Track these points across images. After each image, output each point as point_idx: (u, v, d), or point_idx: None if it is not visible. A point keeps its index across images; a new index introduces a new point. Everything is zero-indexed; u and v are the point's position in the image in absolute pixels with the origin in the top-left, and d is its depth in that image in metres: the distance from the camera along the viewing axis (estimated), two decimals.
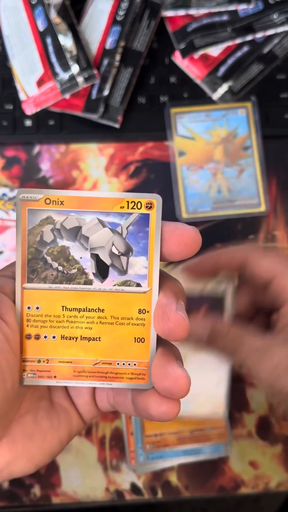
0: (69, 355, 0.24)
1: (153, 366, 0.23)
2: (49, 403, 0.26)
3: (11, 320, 0.23)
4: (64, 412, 0.26)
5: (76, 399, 0.27)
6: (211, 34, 0.53)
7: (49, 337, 0.24)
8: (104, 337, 0.24)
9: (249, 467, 0.50)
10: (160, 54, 0.54)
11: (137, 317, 0.24)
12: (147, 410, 0.23)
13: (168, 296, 0.23)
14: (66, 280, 0.24)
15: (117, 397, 0.26)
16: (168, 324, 0.22)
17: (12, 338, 0.23)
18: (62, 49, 0.49)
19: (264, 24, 0.53)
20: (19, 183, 0.53)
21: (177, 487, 0.50)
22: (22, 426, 0.24)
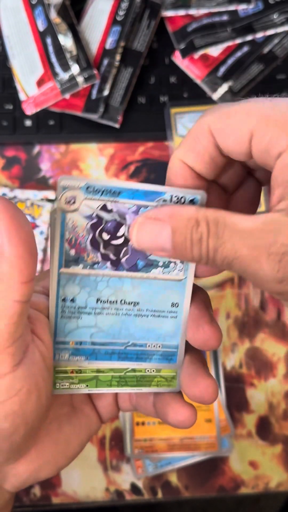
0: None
1: (182, 375, 0.24)
2: (70, 408, 0.26)
3: (46, 338, 0.23)
4: (84, 417, 0.27)
5: (98, 401, 0.27)
6: (211, 34, 0.53)
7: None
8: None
9: (249, 467, 0.50)
10: (160, 54, 0.54)
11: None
12: (165, 416, 0.24)
13: (200, 307, 0.24)
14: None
15: (139, 399, 0.26)
16: (204, 335, 0.23)
17: (47, 356, 0.23)
18: (62, 49, 0.49)
19: (264, 24, 0.53)
20: (19, 183, 0.53)
21: (177, 487, 0.50)
22: (48, 434, 0.25)
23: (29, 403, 0.22)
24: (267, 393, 0.51)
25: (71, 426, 0.26)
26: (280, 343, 0.52)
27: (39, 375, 0.22)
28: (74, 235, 0.23)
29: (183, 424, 0.24)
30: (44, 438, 0.25)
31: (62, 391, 0.25)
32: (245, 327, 0.52)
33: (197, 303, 0.24)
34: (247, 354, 0.52)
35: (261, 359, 0.52)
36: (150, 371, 0.25)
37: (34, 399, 0.22)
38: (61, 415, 0.26)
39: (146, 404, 0.26)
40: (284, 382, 0.51)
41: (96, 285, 0.23)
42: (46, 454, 0.24)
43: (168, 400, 0.24)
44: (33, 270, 0.20)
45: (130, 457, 0.49)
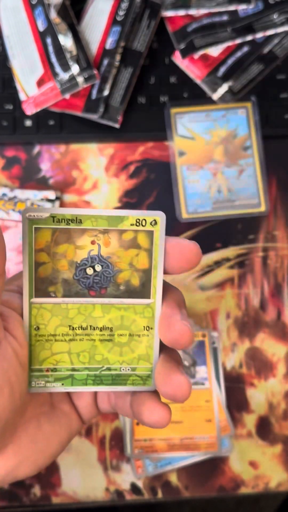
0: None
1: (156, 372, 0.25)
2: (50, 407, 0.27)
3: (19, 335, 0.24)
4: (64, 416, 0.27)
5: (77, 401, 0.28)
6: (211, 34, 0.53)
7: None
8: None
9: (249, 467, 0.50)
10: (160, 54, 0.54)
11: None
12: (140, 416, 0.25)
13: (172, 306, 0.24)
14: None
15: (117, 400, 0.27)
16: (174, 333, 0.23)
17: (20, 353, 0.23)
18: (62, 49, 0.49)
19: (264, 24, 0.53)
20: (19, 183, 0.53)
21: (177, 487, 0.50)
22: (26, 432, 0.25)
23: (1, 398, 0.22)
24: (267, 393, 0.51)
25: (50, 425, 0.26)
26: (280, 343, 0.52)
27: (12, 371, 0.22)
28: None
29: (158, 423, 0.24)
30: (22, 436, 0.25)
31: (37, 389, 0.25)
32: (245, 327, 0.52)
33: (169, 302, 0.25)
34: (247, 354, 0.52)
35: (261, 359, 0.52)
36: (125, 370, 0.25)
37: (6, 394, 0.22)
38: (40, 413, 0.26)
39: (124, 405, 0.26)
40: (284, 382, 0.51)
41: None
42: (24, 452, 0.25)
43: (143, 400, 0.25)
44: (1, 266, 0.21)
45: (130, 457, 0.49)
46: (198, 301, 0.52)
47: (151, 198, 0.53)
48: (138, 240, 0.24)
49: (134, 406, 0.25)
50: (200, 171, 0.53)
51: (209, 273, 0.53)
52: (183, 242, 0.24)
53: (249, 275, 0.53)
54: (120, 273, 0.24)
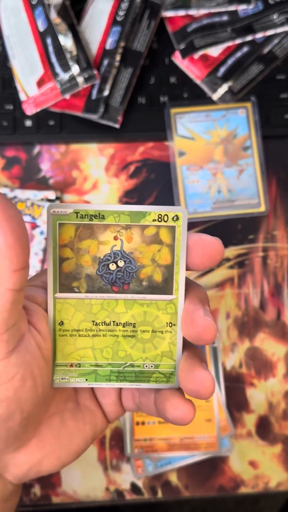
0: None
1: (179, 369, 0.25)
2: (75, 404, 0.27)
3: (43, 329, 0.24)
4: (89, 413, 0.27)
5: (102, 399, 0.28)
6: (211, 34, 0.53)
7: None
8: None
9: (249, 466, 0.50)
10: (160, 54, 0.54)
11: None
12: (164, 413, 0.25)
13: (194, 302, 0.24)
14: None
15: (142, 398, 0.27)
16: (197, 329, 0.23)
17: (43, 346, 0.24)
18: (62, 50, 0.50)
19: (264, 25, 0.53)
20: (19, 183, 0.53)
21: (177, 487, 0.50)
22: (50, 427, 0.25)
23: (24, 390, 0.22)
24: (267, 393, 0.51)
25: (75, 422, 0.26)
26: (280, 343, 0.52)
27: (35, 363, 0.23)
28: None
29: (181, 420, 0.24)
30: (45, 431, 0.25)
31: (61, 384, 0.25)
32: (245, 327, 0.52)
33: (192, 298, 0.25)
34: (247, 354, 0.52)
35: (261, 359, 0.52)
36: (148, 366, 0.25)
37: (29, 386, 0.22)
38: (65, 410, 0.26)
39: (148, 403, 0.26)
40: (284, 382, 0.51)
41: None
42: (47, 446, 0.25)
43: (167, 396, 0.25)
44: (24, 259, 0.21)
45: (130, 457, 0.49)
46: None
47: (151, 198, 0.53)
48: (160, 236, 0.24)
49: (158, 403, 0.25)
50: (200, 171, 0.53)
51: (209, 273, 0.53)
52: (206, 238, 0.24)
53: (249, 275, 0.53)
54: (143, 269, 0.24)
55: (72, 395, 0.27)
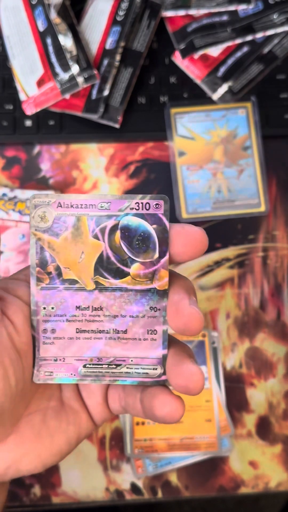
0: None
1: (167, 365, 0.24)
2: (59, 403, 0.26)
3: (18, 321, 0.23)
4: (73, 413, 0.26)
5: (87, 399, 0.27)
6: (211, 34, 0.53)
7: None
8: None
9: (249, 467, 0.50)
10: (160, 54, 0.54)
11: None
12: (152, 410, 0.24)
13: (179, 292, 0.24)
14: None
15: (128, 398, 0.26)
16: (183, 319, 0.23)
17: (16, 338, 0.23)
18: (62, 49, 0.49)
19: (264, 24, 0.53)
20: (19, 183, 0.53)
21: (177, 487, 0.50)
22: (30, 424, 0.25)
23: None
24: (267, 393, 0.51)
25: (57, 421, 0.26)
26: (280, 343, 0.52)
27: (5, 353, 0.22)
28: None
29: (171, 417, 0.23)
30: (25, 428, 0.25)
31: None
32: (245, 327, 0.52)
33: (176, 289, 0.24)
34: (247, 354, 0.52)
35: (261, 359, 0.52)
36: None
37: (0, 378, 0.22)
38: (47, 408, 0.26)
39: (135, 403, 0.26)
40: (284, 382, 0.51)
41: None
42: (26, 444, 0.24)
43: (154, 393, 0.24)
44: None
45: (130, 457, 0.49)
46: (198, 301, 0.52)
47: None
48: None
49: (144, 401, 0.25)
50: (200, 171, 0.53)
51: (209, 273, 0.53)
52: (188, 228, 0.23)
53: (249, 275, 0.53)
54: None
55: (56, 394, 0.26)
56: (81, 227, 0.24)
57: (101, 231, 0.24)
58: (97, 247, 0.24)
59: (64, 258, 0.24)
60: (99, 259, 0.24)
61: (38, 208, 0.23)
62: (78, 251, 0.24)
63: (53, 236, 0.24)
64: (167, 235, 0.23)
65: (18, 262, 0.51)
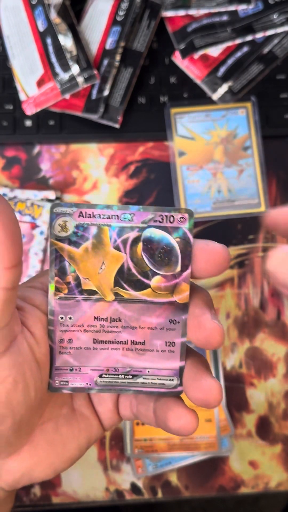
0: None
1: (185, 378, 0.24)
2: (70, 410, 0.26)
3: (38, 332, 0.23)
4: (84, 420, 0.26)
5: (98, 406, 0.27)
6: (211, 34, 0.53)
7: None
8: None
9: (249, 466, 0.50)
10: (160, 54, 0.54)
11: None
12: (166, 422, 0.24)
13: (200, 306, 0.24)
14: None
15: (140, 406, 0.26)
16: (205, 332, 0.23)
17: (37, 349, 0.23)
18: (62, 50, 0.49)
19: (264, 25, 0.53)
20: (19, 183, 0.53)
21: (177, 487, 0.50)
22: (43, 433, 0.25)
23: (16, 393, 0.21)
24: (267, 393, 0.51)
25: (69, 429, 0.26)
26: (280, 343, 0.52)
27: (27, 366, 0.22)
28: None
29: (184, 429, 0.23)
30: (38, 437, 0.24)
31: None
32: (245, 327, 0.52)
33: (197, 302, 0.24)
34: (247, 354, 0.52)
35: (261, 359, 0.52)
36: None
37: (21, 390, 0.22)
38: (59, 416, 0.26)
39: (147, 412, 0.25)
40: (284, 382, 0.51)
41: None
42: (40, 453, 0.24)
43: (169, 405, 0.24)
44: (16, 256, 0.20)
45: (130, 457, 0.49)
46: None
47: (151, 198, 0.53)
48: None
49: (158, 412, 0.24)
50: (200, 171, 0.53)
51: None
52: (213, 245, 0.23)
53: (249, 275, 0.53)
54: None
55: (67, 401, 0.26)
56: (103, 238, 0.23)
57: (123, 242, 0.23)
58: (118, 258, 0.23)
59: (83, 268, 0.23)
60: (120, 270, 0.23)
61: (59, 217, 0.23)
62: (99, 261, 0.23)
63: (73, 246, 0.23)
64: (190, 249, 0.23)
65: None
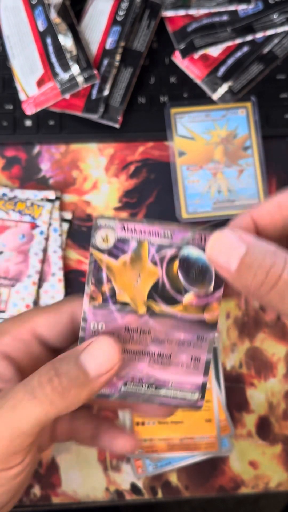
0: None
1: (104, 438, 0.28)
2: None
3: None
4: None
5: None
6: (211, 34, 0.53)
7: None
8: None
9: (249, 467, 0.50)
10: (160, 54, 0.54)
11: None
12: (111, 448, 0.27)
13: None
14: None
15: (77, 431, 0.28)
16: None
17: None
18: (62, 49, 0.49)
19: (264, 24, 0.53)
20: (19, 183, 0.53)
21: (177, 487, 0.50)
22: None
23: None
24: (267, 393, 0.51)
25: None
26: (280, 343, 0.52)
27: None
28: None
29: (129, 452, 0.26)
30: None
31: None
32: (245, 327, 0.52)
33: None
34: (247, 354, 0.52)
35: (261, 359, 0.52)
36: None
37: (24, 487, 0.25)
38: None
39: (83, 435, 0.27)
40: (284, 382, 0.51)
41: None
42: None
43: (113, 434, 0.26)
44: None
45: (130, 457, 0.49)
46: None
47: (151, 198, 0.53)
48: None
49: (102, 438, 0.26)
50: (200, 171, 0.53)
51: None
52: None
53: None
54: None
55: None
56: (141, 252, 0.24)
57: (160, 258, 0.24)
58: (154, 273, 0.24)
59: (120, 280, 0.24)
60: (154, 285, 0.24)
61: (101, 229, 0.24)
62: (135, 275, 0.24)
63: (112, 258, 0.24)
64: None
65: (18, 262, 0.51)
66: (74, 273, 0.52)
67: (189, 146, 0.53)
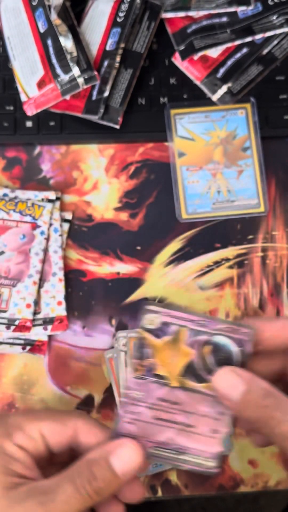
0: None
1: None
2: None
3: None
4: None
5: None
6: (211, 35, 0.53)
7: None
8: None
9: (248, 465, 0.51)
10: (160, 56, 0.55)
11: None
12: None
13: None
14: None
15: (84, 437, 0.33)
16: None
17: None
18: (63, 51, 0.50)
19: (263, 26, 0.53)
20: (20, 184, 0.53)
21: (176, 486, 0.50)
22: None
23: None
24: None
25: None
26: None
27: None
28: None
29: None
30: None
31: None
32: None
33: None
34: None
35: None
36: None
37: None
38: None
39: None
40: None
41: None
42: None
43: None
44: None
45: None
46: (198, 300, 0.52)
47: (151, 198, 0.54)
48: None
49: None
50: (199, 171, 0.53)
51: (209, 273, 0.53)
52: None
53: (248, 275, 0.53)
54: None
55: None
56: (180, 335, 0.29)
57: (195, 342, 0.29)
58: (188, 354, 0.29)
59: (159, 357, 0.29)
60: (188, 364, 0.29)
61: (150, 314, 0.29)
62: (173, 354, 0.29)
63: (156, 338, 0.29)
64: (246, 357, 0.29)
65: (18, 262, 0.51)
66: (74, 272, 0.52)
67: (188, 146, 0.53)
